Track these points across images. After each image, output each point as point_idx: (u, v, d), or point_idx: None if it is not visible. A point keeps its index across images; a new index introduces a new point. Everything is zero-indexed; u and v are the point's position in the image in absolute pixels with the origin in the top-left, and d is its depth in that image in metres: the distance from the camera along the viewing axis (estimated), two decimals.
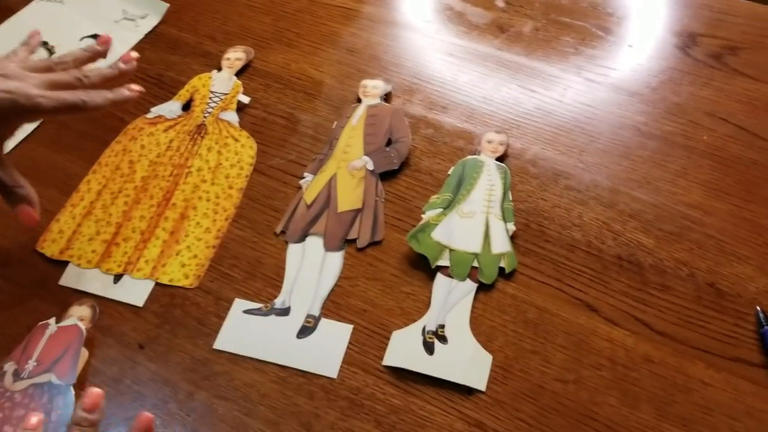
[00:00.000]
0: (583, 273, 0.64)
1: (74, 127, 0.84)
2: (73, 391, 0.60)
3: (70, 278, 0.70)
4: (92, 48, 0.69)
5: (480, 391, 0.58)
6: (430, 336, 0.61)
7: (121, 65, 0.67)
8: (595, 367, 0.58)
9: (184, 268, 0.70)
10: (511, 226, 0.67)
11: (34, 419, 0.48)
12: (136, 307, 0.67)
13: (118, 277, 0.70)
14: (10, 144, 0.61)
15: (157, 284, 0.69)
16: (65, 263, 0.71)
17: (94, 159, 0.80)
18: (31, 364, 0.62)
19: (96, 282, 0.69)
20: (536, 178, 0.71)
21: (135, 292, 0.68)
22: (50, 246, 0.73)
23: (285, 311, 0.65)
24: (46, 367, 0.62)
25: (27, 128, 0.84)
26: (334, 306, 0.65)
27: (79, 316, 0.65)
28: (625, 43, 0.84)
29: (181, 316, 0.66)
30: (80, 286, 0.69)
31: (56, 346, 0.63)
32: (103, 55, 0.69)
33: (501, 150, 0.73)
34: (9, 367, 0.62)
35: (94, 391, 0.50)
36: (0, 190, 0.60)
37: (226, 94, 0.85)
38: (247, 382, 0.61)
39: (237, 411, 0.59)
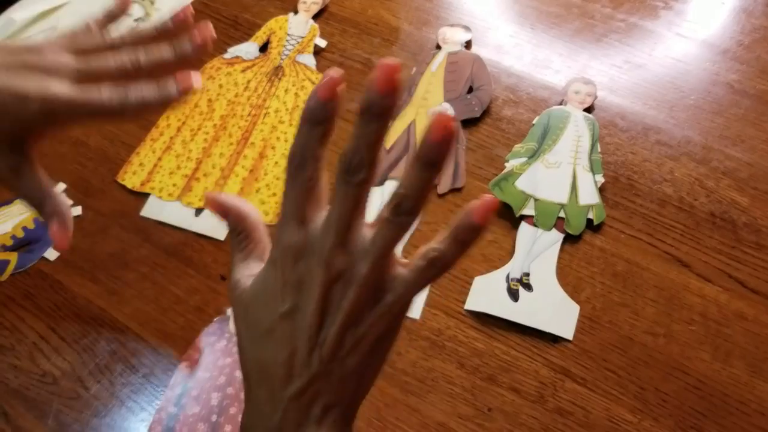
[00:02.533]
0: (674, 228, 0.62)
1: None
2: None
3: (151, 209, 0.71)
4: (165, 25, 0.52)
5: (566, 340, 0.58)
6: (515, 283, 0.61)
7: (188, 47, 0.50)
8: (686, 322, 0.57)
9: (263, 205, 0.70)
10: (600, 178, 0.66)
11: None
12: (217, 240, 0.67)
13: (199, 211, 0.70)
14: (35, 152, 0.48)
15: None
16: (146, 195, 0.72)
17: None
18: None
19: (177, 214, 0.70)
20: (625, 132, 0.70)
21: (216, 226, 0.69)
22: (131, 178, 0.73)
23: None
24: None
25: None
26: (415, 249, 0.64)
27: None
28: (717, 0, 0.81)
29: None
30: (162, 218, 0.70)
31: None
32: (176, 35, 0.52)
33: (588, 101, 0.72)
34: (231, 312, 0.61)
35: (388, 63, 0.30)
36: (31, 203, 0.48)
37: (302, 37, 0.84)
38: None
39: None
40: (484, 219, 0.34)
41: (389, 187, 0.69)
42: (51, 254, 0.69)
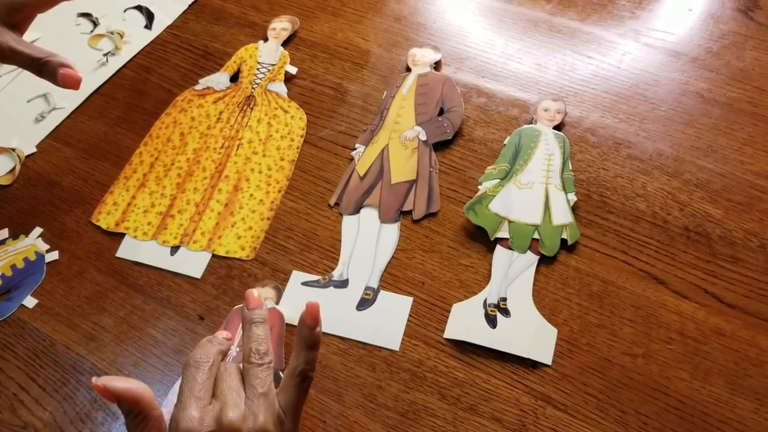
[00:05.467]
0: (648, 245, 0.62)
1: (122, 99, 0.84)
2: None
3: (126, 250, 0.70)
4: None
5: (545, 365, 0.57)
6: (492, 309, 0.61)
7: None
8: (664, 341, 0.57)
9: (239, 240, 0.69)
10: (572, 197, 0.66)
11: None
12: (194, 278, 0.67)
13: (174, 249, 0.70)
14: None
15: (214, 256, 0.69)
16: (121, 235, 0.71)
17: (143, 131, 0.80)
18: (234, 350, 0.60)
19: (153, 254, 0.70)
20: (596, 147, 0.70)
21: (192, 263, 0.68)
22: (105, 218, 0.73)
23: (343, 283, 0.65)
24: None
25: (76, 101, 0.84)
26: (392, 278, 0.65)
27: (265, 297, 0.64)
28: (684, 6, 0.81)
29: (240, 288, 0.66)
30: (137, 258, 0.69)
31: None
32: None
33: (558, 118, 0.72)
34: None
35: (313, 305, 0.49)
36: (31, 67, 0.61)
37: (273, 64, 0.84)
38: None
39: None
40: (315, 320, 0.48)
41: (364, 215, 0.69)
42: (29, 302, 0.68)
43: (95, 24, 0.93)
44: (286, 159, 0.75)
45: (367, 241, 0.67)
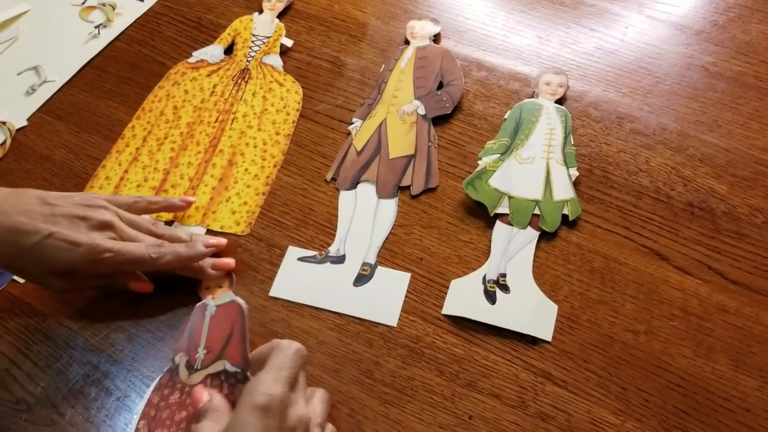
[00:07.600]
0: (651, 220, 0.61)
1: (114, 72, 0.82)
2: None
3: None
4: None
5: (545, 342, 0.56)
6: (491, 285, 0.60)
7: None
8: (666, 318, 0.56)
9: (234, 215, 0.68)
10: (574, 172, 0.64)
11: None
12: None
13: (168, 224, 0.68)
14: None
15: (208, 231, 0.67)
16: None
17: (136, 105, 0.78)
18: (201, 352, 0.54)
19: None
20: (599, 122, 0.68)
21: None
22: (97, 192, 0.71)
23: (340, 259, 0.64)
24: (217, 353, 0.53)
25: (67, 74, 0.82)
26: (390, 254, 0.64)
27: (216, 284, 0.63)
28: None
29: (235, 263, 0.65)
30: None
31: (220, 329, 0.54)
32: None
33: (560, 92, 0.70)
34: (180, 359, 0.56)
35: None
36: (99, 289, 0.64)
37: (268, 37, 0.82)
38: (305, 329, 0.60)
39: None
40: None
41: (361, 190, 0.68)
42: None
43: None
44: (282, 133, 0.74)
45: (365, 216, 0.66)
